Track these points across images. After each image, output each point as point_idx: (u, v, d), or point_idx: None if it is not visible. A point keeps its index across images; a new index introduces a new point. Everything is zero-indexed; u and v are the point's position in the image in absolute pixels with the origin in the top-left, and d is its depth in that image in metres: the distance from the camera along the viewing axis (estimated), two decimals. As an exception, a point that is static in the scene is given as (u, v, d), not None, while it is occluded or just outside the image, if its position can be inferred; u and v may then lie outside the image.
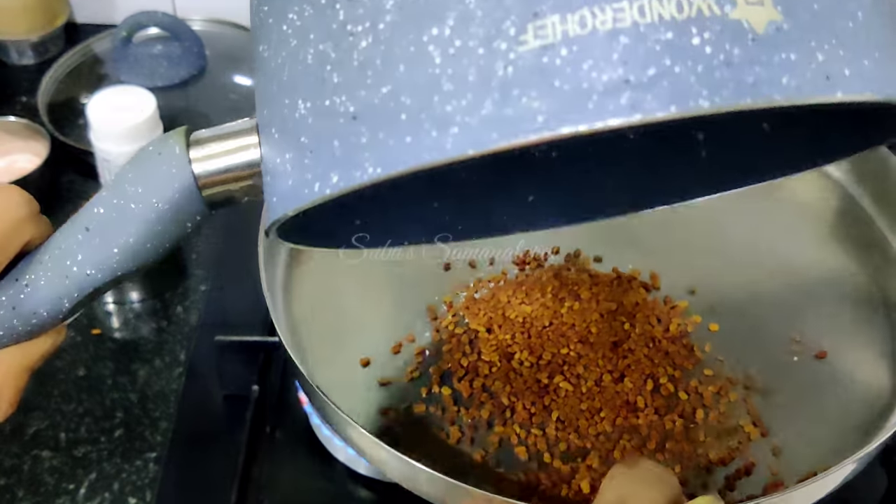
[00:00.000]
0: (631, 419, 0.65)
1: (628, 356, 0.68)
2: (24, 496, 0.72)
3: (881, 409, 0.67)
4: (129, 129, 0.89)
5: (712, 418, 0.66)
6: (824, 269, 0.77)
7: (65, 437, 0.76)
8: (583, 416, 0.64)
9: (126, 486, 0.73)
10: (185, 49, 1.09)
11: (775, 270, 0.76)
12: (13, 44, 1.12)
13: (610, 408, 0.65)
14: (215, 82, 1.10)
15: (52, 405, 0.78)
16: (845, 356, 0.71)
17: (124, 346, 0.83)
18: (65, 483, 0.73)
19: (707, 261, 0.77)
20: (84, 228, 0.43)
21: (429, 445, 0.64)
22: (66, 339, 0.82)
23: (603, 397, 0.65)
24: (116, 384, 0.80)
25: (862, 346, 0.71)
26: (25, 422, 0.77)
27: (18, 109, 1.07)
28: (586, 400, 0.65)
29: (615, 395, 0.65)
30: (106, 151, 0.90)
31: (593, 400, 0.65)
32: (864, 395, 0.68)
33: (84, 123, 0.95)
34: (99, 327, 0.84)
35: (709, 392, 0.67)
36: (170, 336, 0.84)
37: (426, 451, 0.62)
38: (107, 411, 0.78)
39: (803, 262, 0.77)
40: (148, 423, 0.77)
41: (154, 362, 0.82)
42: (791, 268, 0.77)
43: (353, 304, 0.74)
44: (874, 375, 0.69)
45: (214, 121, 1.04)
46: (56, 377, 0.80)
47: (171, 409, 0.78)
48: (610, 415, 0.65)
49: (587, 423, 0.64)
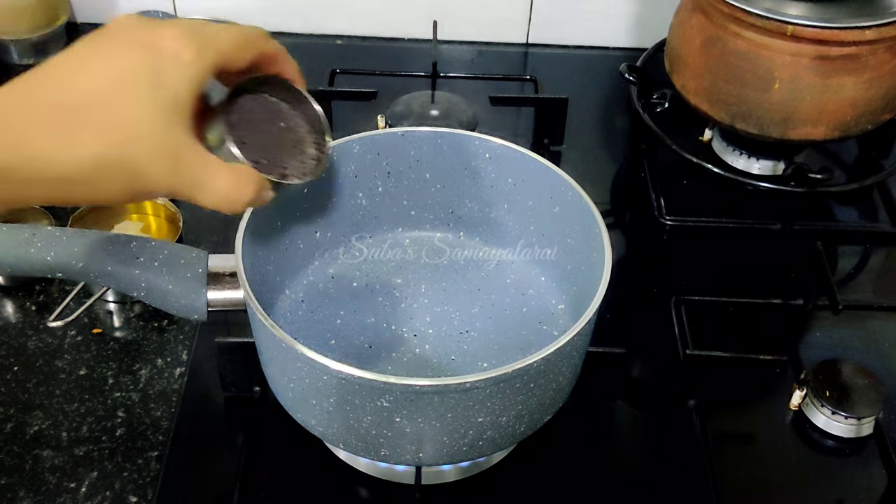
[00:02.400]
0: None
1: None
2: (25, 495, 0.72)
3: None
4: (130, 129, 0.89)
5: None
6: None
7: (66, 437, 0.76)
8: None
9: (127, 485, 0.73)
10: (185, 49, 1.08)
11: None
12: (14, 43, 1.13)
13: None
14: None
15: (54, 404, 0.78)
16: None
17: (126, 346, 0.83)
18: (66, 482, 0.73)
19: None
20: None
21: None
22: (67, 339, 0.83)
23: None
24: (118, 384, 0.80)
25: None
26: (27, 421, 0.77)
27: (19, 109, 1.07)
28: None
29: None
30: (107, 151, 0.90)
31: None
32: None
33: (85, 123, 0.95)
34: (101, 327, 0.84)
35: None
36: (171, 336, 0.84)
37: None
38: (108, 411, 0.78)
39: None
40: (149, 422, 0.77)
41: (156, 362, 0.82)
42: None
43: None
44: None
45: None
46: (58, 376, 0.80)
47: (173, 409, 0.78)
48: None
49: None
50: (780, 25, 0.86)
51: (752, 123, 0.92)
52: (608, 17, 1.19)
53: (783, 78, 0.88)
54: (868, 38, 0.85)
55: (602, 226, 0.70)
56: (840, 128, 0.91)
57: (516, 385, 0.62)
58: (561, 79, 1.14)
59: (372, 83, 1.07)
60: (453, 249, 0.83)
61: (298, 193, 0.77)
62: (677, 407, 0.78)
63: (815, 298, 0.88)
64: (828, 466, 0.76)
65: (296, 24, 1.19)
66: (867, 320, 0.88)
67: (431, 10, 1.17)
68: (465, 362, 0.74)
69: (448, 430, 0.63)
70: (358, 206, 0.82)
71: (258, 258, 0.72)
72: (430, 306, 0.79)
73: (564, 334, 0.63)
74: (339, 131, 1.04)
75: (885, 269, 0.95)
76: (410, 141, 0.80)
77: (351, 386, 0.61)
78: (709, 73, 0.93)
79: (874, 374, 0.79)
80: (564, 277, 0.78)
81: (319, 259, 0.81)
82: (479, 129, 1.00)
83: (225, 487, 0.71)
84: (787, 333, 0.86)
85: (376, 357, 0.74)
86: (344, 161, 0.79)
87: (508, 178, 0.79)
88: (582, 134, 1.08)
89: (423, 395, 0.61)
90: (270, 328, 0.62)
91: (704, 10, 0.92)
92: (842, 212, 1.00)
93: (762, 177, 0.99)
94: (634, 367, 0.82)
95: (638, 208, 0.99)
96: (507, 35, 1.21)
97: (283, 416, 0.70)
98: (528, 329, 0.77)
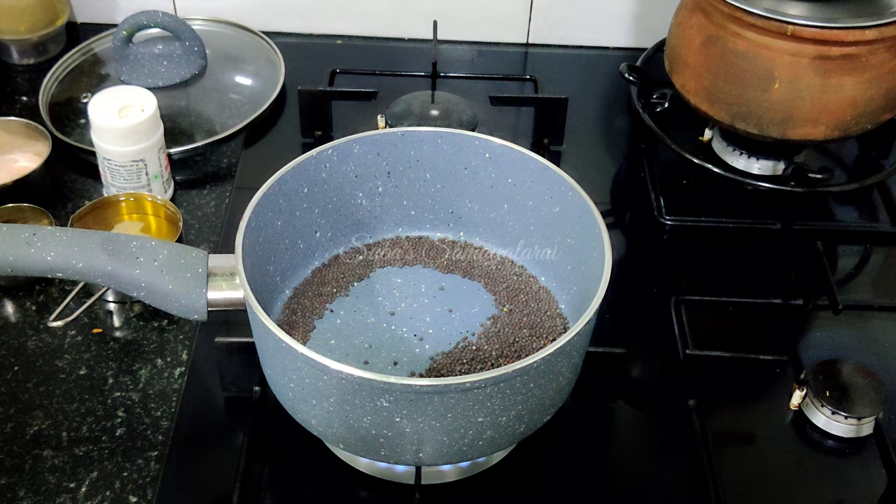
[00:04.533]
0: None
1: None
2: (25, 495, 0.72)
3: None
4: (129, 129, 0.89)
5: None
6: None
7: (66, 437, 0.76)
8: None
9: (127, 485, 0.73)
10: (185, 49, 1.09)
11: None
12: (14, 43, 1.13)
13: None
14: (215, 82, 1.10)
15: (54, 404, 0.78)
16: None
17: (126, 346, 0.83)
18: (66, 482, 0.73)
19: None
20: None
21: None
22: (67, 339, 0.83)
23: None
24: (118, 384, 0.80)
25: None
26: (27, 421, 0.77)
27: (19, 109, 1.07)
28: None
29: None
30: (107, 151, 0.90)
31: None
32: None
33: (85, 123, 0.95)
34: (100, 327, 0.84)
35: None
36: (171, 336, 0.84)
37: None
38: (108, 410, 0.78)
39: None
40: (149, 422, 0.77)
41: (156, 362, 0.82)
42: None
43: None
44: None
45: (215, 121, 1.05)
46: (57, 376, 0.80)
47: (173, 409, 0.78)
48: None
49: None
50: (780, 25, 0.86)
51: (752, 123, 0.92)
52: (608, 17, 1.19)
53: (783, 78, 0.88)
54: (868, 38, 0.85)
55: (602, 226, 0.70)
56: (840, 128, 0.91)
57: (516, 385, 0.62)
58: (561, 79, 1.14)
59: (372, 83, 1.07)
60: (453, 249, 0.83)
61: (298, 193, 0.77)
62: (677, 407, 0.78)
63: (815, 298, 0.88)
64: (828, 466, 0.76)
65: (296, 24, 1.19)
66: (867, 320, 0.88)
67: (431, 10, 1.17)
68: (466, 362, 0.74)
69: (448, 430, 0.63)
70: (358, 206, 0.82)
71: (258, 258, 0.72)
72: (430, 306, 0.79)
73: (564, 334, 0.63)
74: (340, 131, 1.04)
75: (885, 269, 0.94)
76: (410, 141, 0.80)
77: (351, 386, 0.61)
78: (709, 73, 0.93)
79: (874, 374, 0.79)
80: (564, 277, 0.78)
81: (319, 259, 0.82)
82: (479, 129, 1.00)
83: (225, 487, 0.71)
84: (787, 333, 0.86)
85: (376, 357, 0.74)
86: (344, 161, 0.79)
87: (508, 178, 0.79)
88: (582, 134, 1.08)
89: (423, 395, 0.61)
90: (270, 328, 0.62)
91: (704, 10, 0.92)
92: (842, 212, 1.00)
93: (762, 177, 0.99)
94: (634, 367, 0.82)
95: (638, 208, 0.99)
96: (507, 35, 1.21)
97: (283, 416, 0.70)
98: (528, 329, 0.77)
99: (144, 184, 0.92)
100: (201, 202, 0.97)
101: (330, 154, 0.78)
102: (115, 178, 0.92)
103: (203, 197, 0.98)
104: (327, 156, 0.78)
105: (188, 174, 1.00)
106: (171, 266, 0.68)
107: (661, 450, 0.78)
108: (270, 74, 1.11)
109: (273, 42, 1.15)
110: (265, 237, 0.74)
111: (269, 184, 0.74)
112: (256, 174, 0.79)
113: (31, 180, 0.92)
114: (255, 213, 0.71)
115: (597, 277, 0.67)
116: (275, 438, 0.75)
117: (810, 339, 0.86)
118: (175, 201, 0.96)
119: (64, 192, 0.97)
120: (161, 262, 0.68)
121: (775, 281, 0.91)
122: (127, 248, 0.68)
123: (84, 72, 1.11)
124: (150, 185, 0.93)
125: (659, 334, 0.85)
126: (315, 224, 0.80)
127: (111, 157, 0.90)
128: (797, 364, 0.83)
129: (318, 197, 0.79)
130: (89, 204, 0.89)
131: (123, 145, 0.89)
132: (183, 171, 1.00)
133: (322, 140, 0.99)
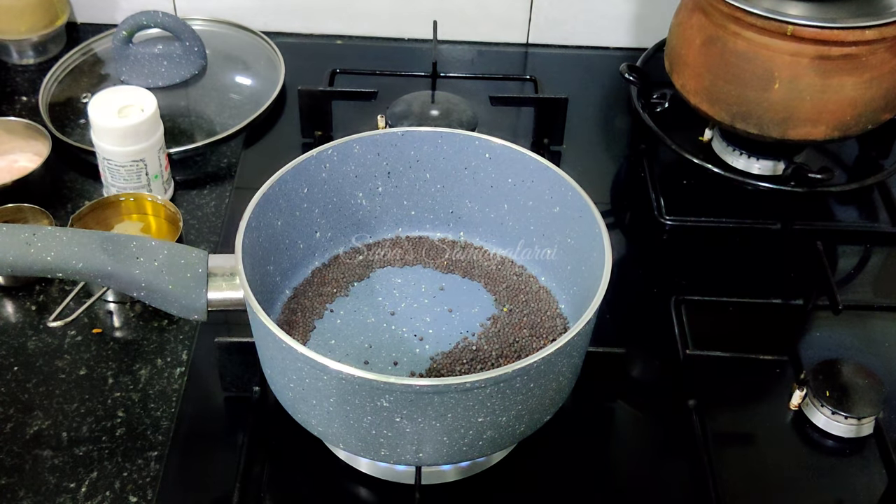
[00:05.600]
0: None
1: None
2: (25, 495, 0.72)
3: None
4: (129, 129, 0.89)
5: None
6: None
7: (66, 437, 0.76)
8: None
9: (127, 485, 0.73)
10: (185, 49, 1.09)
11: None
12: (14, 43, 1.13)
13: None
14: (215, 82, 1.10)
15: (54, 405, 0.78)
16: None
17: (126, 346, 0.83)
18: (66, 482, 0.73)
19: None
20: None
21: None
22: (67, 339, 0.83)
23: None
24: (118, 384, 0.80)
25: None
26: (27, 421, 0.77)
27: (19, 109, 1.07)
28: None
29: None
30: (107, 151, 0.90)
31: None
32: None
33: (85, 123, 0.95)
34: (100, 327, 0.84)
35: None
36: (171, 336, 0.84)
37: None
38: (108, 411, 0.78)
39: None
40: (149, 422, 0.77)
41: (156, 362, 0.82)
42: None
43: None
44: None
45: (215, 121, 1.05)
46: (57, 377, 0.80)
47: (173, 409, 0.78)
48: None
49: None
50: (780, 25, 0.86)
51: (752, 123, 0.92)
52: (608, 17, 1.19)
53: (783, 78, 0.88)
54: (868, 38, 0.85)
55: (602, 226, 0.70)
56: (840, 128, 0.91)
57: (516, 385, 0.62)
58: (561, 79, 1.14)
59: (372, 83, 1.07)
60: (453, 249, 0.84)
61: (299, 194, 0.77)
62: (677, 407, 0.78)
63: (815, 298, 0.88)
64: (828, 466, 0.76)
65: (296, 24, 1.19)
66: (867, 320, 0.88)
67: (431, 10, 1.17)
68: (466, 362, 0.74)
69: (448, 430, 0.63)
70: (358, 206, 0.82)
71: (258, 258, 0.72)
72: (430, 306, 0.79)
73: (564, 334, 0.63)
74: (340, 131, 1.04)
75: (885, 269, 0.94)
76: (410, 141, 0.80)
77: (351, 386, 0.61)
78: (709, 73, 0.93)
79: (874, 374, 0.79)
80: (564, 277, 0.78)
81: (319, 259, 0.82)
82: (479, 129, 1.00)
83: (225, 487, 0.71)
84: (787, 333, 0.86)
85: (376, 357, 0.74)
86: (344, 161, 0.79)
87: (508, 178, 0.79)
88: (582, 134, 1.08)
89: (423, 395, 0.61)
90: (270, 328, 0.62)
91: (704, 10, 0.92)
92: (842, 212, 1.00)
93: (762, 177, 0.99)
94: (634, 367, 0.82)
95: (638, 208, 0.99)
96: (507, 35, 1.21)
97: (283, 416, 0.70)
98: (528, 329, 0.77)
99: (144, 184, 0.92)
100: (201, 202, 0.97)
101: (330, 154, 0.78)
102: (115, 178, 0.92)
103: (203, 197, 0.98)
104: (327, 156, 0.78)
105: (188, 174, 1.00)
106: (171, 266, 0.68)
107: (661, 450, 0.78)
108: (270, 74, 1.11)
109: (273, 42, 1.15)
110: (265, 237, 0.74)
111: (269, 184, 0.74)
112: (256, 174, 0.79)
113: (31, 180, 0.92)
114: (255, 213, 0.71)
115: (597, 277, 0.67)
116: (275, 438, 0.75)
117: (810, 339, 0.86)
118: (175, 201, 0.96)
119: (64, 192, 0.97)
120: (161, 262, 0.68)
121: (775, 281, 0.91)
122: (127, 248, 0.68)
123: (84, 72, 1.11)
124: (150, 185, 0.93)
125: (659, 334, 0.85)
126: (315, 224, 0.80)
127: (111, 157, 0.90)
128: (797, 364, 0.83)
129: (318, 197, 0.79)
130: (89, 204, 0.89)
131: (123, 145, 0.89)
132: (183, 171, 1.00)
133: (322, 140, 0.99)
